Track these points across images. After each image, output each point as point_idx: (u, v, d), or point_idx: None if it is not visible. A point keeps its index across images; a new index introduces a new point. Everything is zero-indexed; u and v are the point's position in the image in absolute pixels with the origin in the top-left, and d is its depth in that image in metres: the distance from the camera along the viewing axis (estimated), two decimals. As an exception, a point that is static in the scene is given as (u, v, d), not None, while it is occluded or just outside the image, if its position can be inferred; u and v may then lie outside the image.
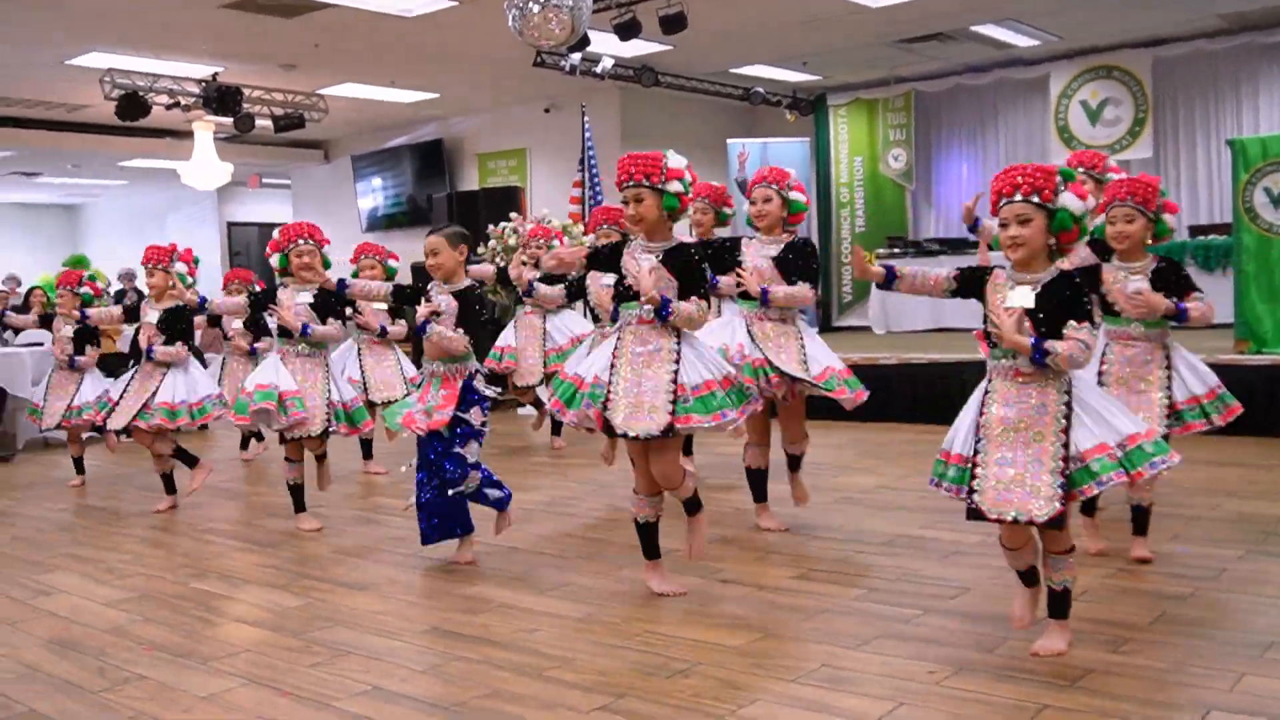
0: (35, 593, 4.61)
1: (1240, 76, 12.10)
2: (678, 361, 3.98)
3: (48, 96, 12.20)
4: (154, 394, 6.10)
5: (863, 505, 5.73)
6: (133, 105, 10.93)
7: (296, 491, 5.64)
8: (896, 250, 12.87)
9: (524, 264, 6.75)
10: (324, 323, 5.52)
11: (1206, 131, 12.34)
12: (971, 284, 3.48)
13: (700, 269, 4.07)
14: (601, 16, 8.51)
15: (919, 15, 10.21)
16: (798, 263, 5.01)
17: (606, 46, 10.19)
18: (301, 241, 5.50)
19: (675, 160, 4.13)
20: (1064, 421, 3.25)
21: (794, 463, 5.30)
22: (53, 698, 3.35)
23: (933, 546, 4.78)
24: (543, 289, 6.87)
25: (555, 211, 10.14)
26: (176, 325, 6.22)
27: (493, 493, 4.84)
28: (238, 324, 7.73)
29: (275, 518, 5.95)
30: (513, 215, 10.39)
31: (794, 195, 5.12)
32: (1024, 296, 3.31)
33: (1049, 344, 3.22)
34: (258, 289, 6.73)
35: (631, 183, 4.07)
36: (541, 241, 7.18)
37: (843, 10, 9.89)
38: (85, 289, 7.13)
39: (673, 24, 8.80)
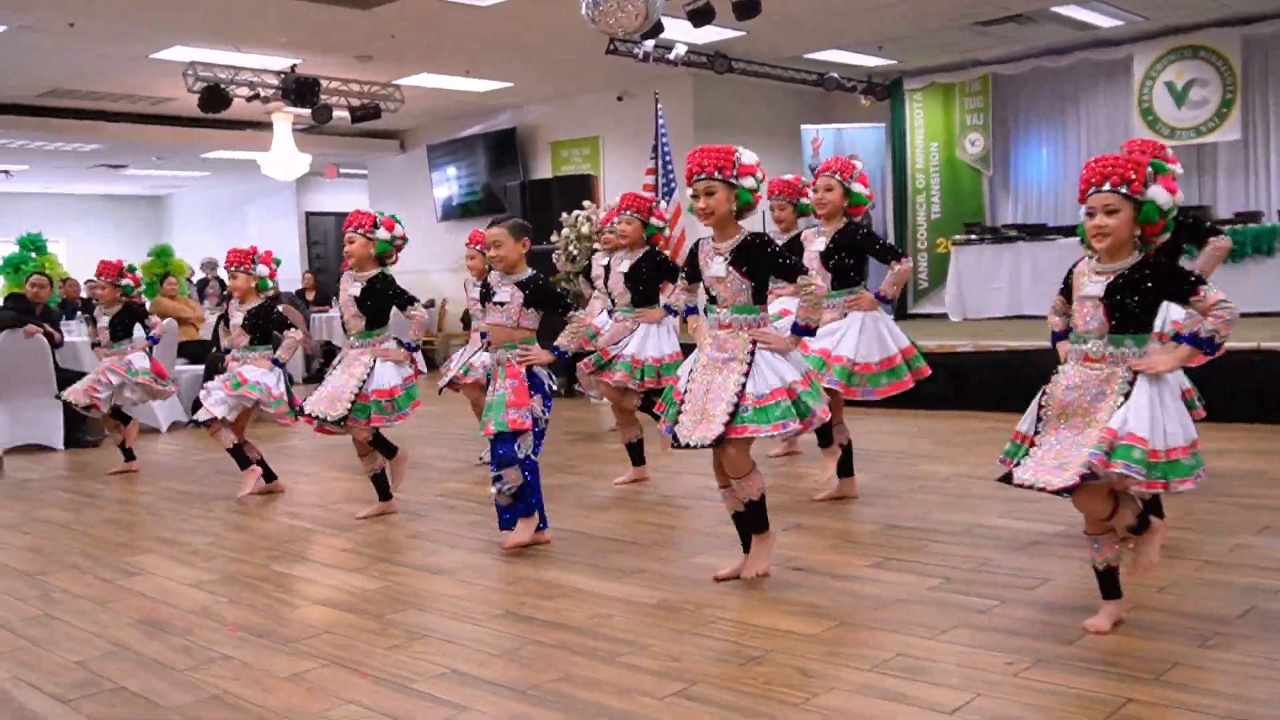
0: (125, 573, 4.73)
1: (1335, 55, 11.70)
2: (748, 371, 3.94)
3: (133, 90, 12.49)
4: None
5: (939, 494, 5.65)
6: (214, 97, 11.14)
7: (375, 481, 5.72)
8: (973, 236, 12.66)
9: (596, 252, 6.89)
10: (365, 312, 5.55)
11: (1299, 112, 11.96)
12: (1068, 292, 3.56)
13: (773, 253, 4.04)
14: (675, 3, 8.47)
15: (998, -4, 10.03)
16: (864, 246, 5.18)
17: (680, 33, 10.15)
18: (349, 230, 5.58)
19: (748, 156, 4.10)
20: (1119, 409, 3.26)
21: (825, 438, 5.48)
22: (141, 676, 3.44)
23: (1011, 536, 4.70)
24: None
25: (628, 199, 10.13)
26: (261, 324, 6.30)
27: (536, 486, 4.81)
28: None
29: (353, 502, 6.04)
30: (585, 203, 10.43)
31: (856, 187, 5.12)
32: (1096, 287, 3.37)
33: (1199, 330, 3.28)
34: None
35: (703, 175, 4.05)
36: (610, 227, 7.16)
37: (919, -8, 9.75)
38: (126, 280, 7.37)
39: (746, 9, 8.73)
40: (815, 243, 5.27)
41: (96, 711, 3.17)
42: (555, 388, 4.87)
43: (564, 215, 10.50)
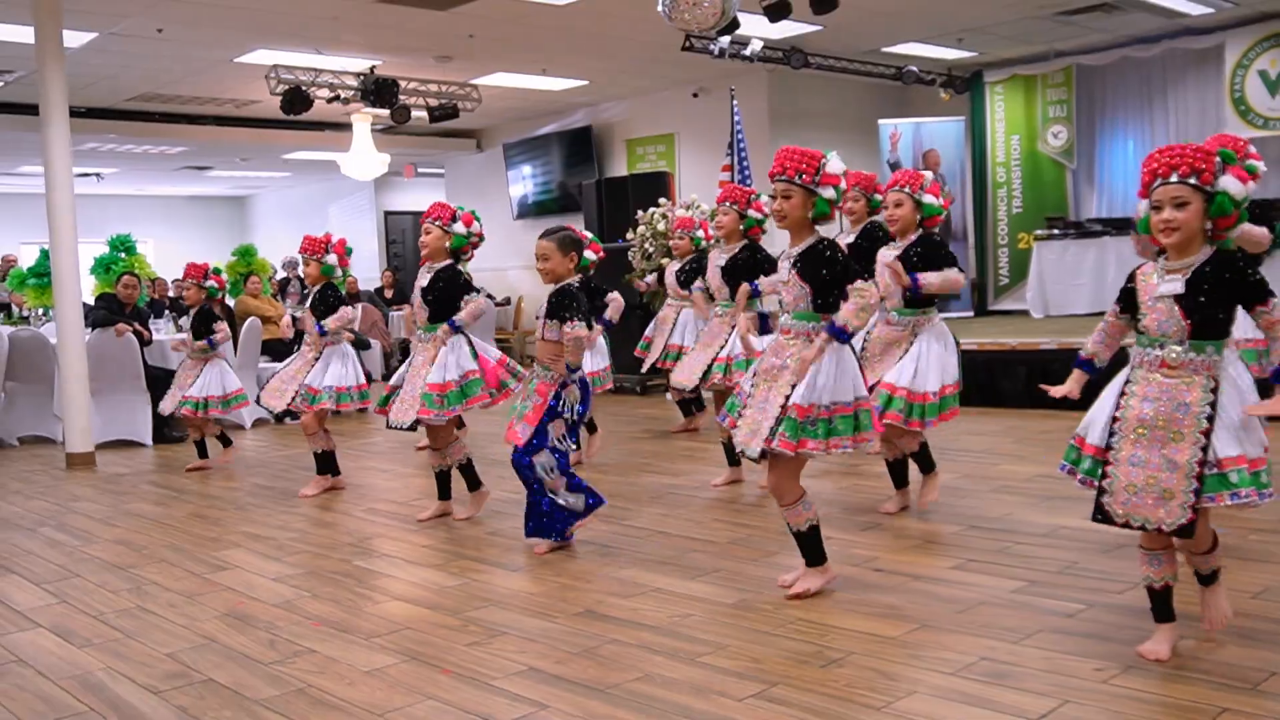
0: (212, 567, 4.84)
1: None
2: (794, 384, 3.85)
3: (218, 94, 12.76)
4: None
5: (1021, 495, 5.55)
6: (296, 99, 11.34)
7: (438, 478, 5.74)
8: (1056, 231, 12.41)
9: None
10: (429, 304, 5.57)
11: (1404, 100, 11.51)
12: (1128, 300, 3.28)
13: (831, 258, 3.91)
14: (751, -2, 8.42)
15: (1082, -15, 9.80)
16: (927, 256, 4.96)
17: (755, 29, 10.09)
18: (426, 221, 5.64)
19: (834, 165, 4.01)
20: (1206, 423, 3.05)
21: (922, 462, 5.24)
22: (228, 668, 3.51)
23: (1096, 539, 4.59)
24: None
25: (704, 197, 10.10)
26: (329, 306, 6.42)
27: (559, 517, 4.83)
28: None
29: (433, 499, 6.11)
30: (661, 200, 10.41)
31: (927, 198, 4.96)
32: (1173, 284, 3.13)
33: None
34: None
35: (782, 177, 3.99)
36: (684, 233, 7.20)
37: (1000, -17, 9.57)
38: (211, 282, 7.53)
39: (823, 3, 8.63)
40: (887, 258, 5.08)
41: (187, 702, 3.23)
42: (575, 417, 4.78)
43: (639, 213, 10.50)
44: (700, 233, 7.19)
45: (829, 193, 3.97)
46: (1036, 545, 4.57)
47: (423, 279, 5.59)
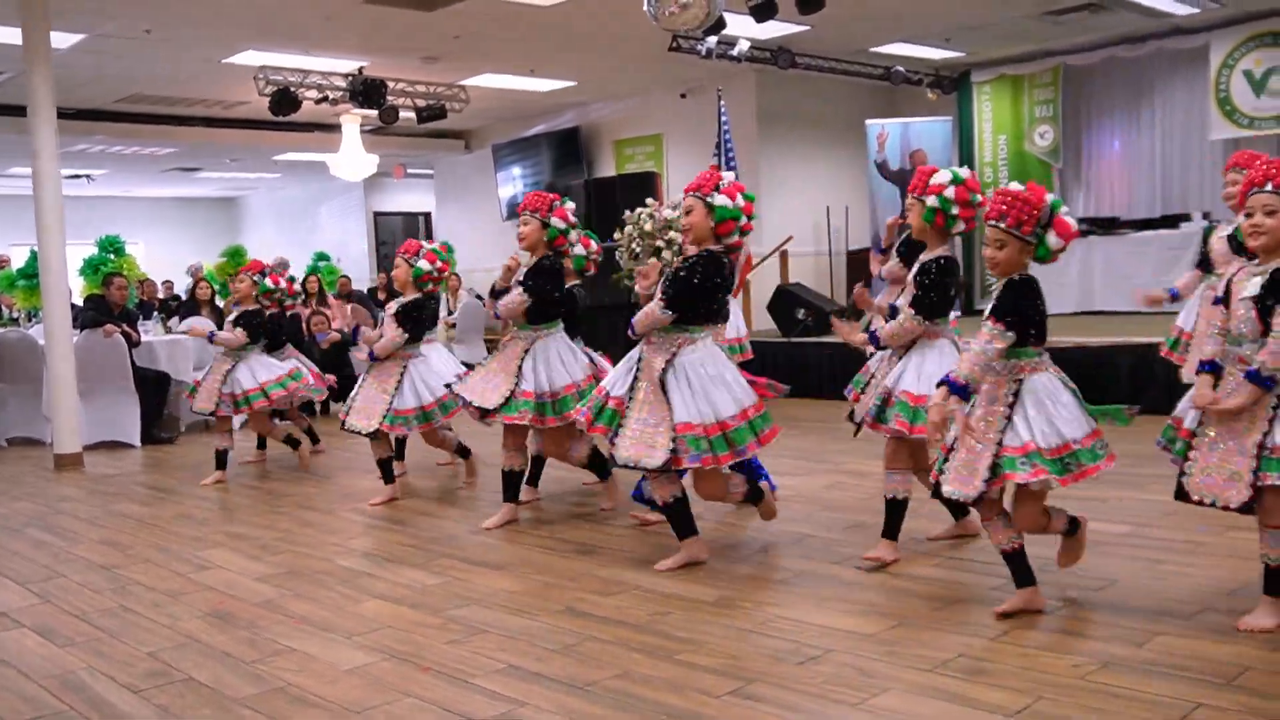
0: (196, 567, 4.84)
1: None
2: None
3: (206, 95, 12.76)
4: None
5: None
6: (284, 100, 11.34)
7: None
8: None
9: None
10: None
11: (1389, 100, 11.56)
12: (1228, 301, 3.49)
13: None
14: (737, -1, 8.44)
15: (1068, -14, 9.84)
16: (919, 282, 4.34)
17: (742, 29, 10.11)
18: (399, 256, 6.10)
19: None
20: (1272, 412, 3.29)
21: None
22: (209, 666, 3.52)
23: (1078, 536, 4.61)
24: None
25: (691, 196, 10.11)
26: (415, 317, 6.13)
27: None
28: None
29: (414, 498, 6.12)
30: (649, 201, 10.42)
31: (719, 200, 4.41)
32: (1252, 286, 3.35)
33: (1260, 362, 3.26)
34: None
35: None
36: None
37: (986, -17, 9.61)
38: (267, 280, 7.22)
39: (810, 3, 8.66)
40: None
41: (167, 701, 3.24)
42: None
43: (626, 213, 10.50)
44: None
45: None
46: (1017, 543, 4.58)
47: (392, 306, 5.90)
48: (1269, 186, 3.32)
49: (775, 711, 2.97)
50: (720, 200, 4.30)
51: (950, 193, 4.14)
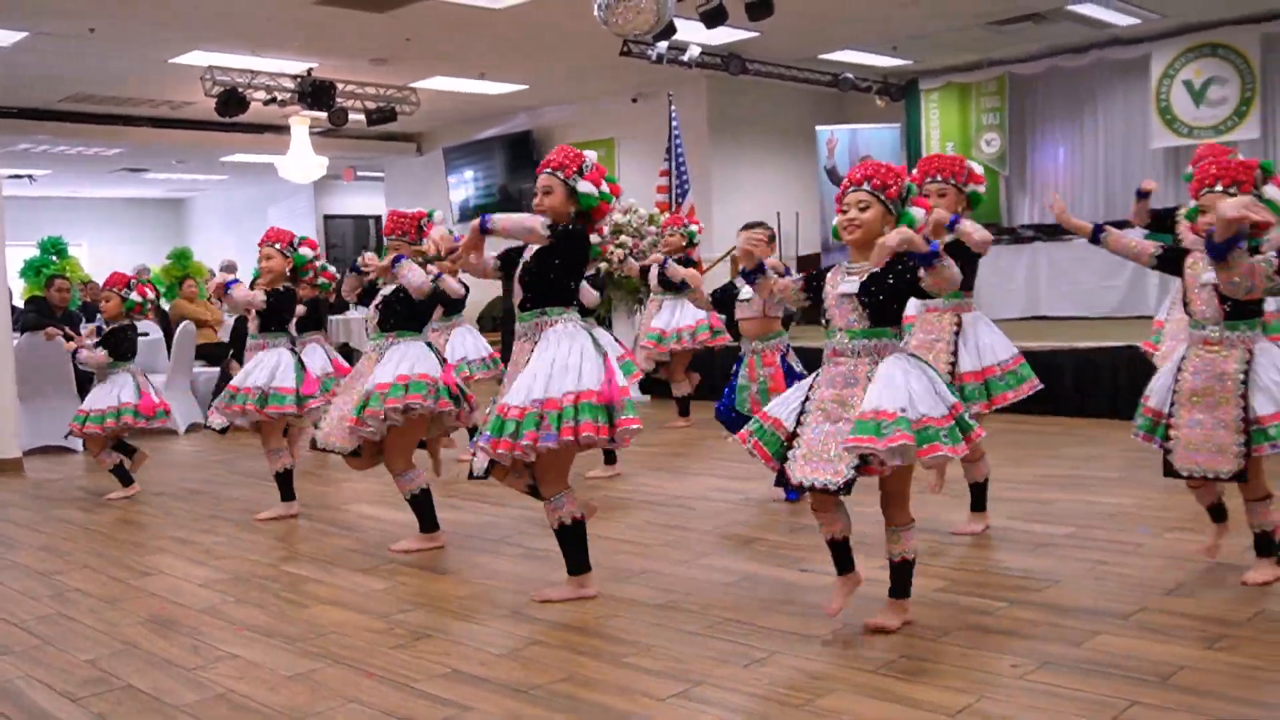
0: (137, 573, 4.77)
1: (1357, 52, 11.58)
2: None
3: (153, 95, 12.60)
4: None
5: (950, 494, 5.60)
6: (232, 101, 11.23)
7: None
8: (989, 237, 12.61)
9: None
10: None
11: (1321, 111, 11.85)
12: (1173, 262, 3.89)
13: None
14: (687, 4, 8.48)
15: (1013, -5, 10.00)
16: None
17: (693, 35, 10.16)
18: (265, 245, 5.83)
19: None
20: (1241, 387, 3.66)
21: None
22: (149, 674, 3.47)
23: (1021, 539, 4.69)
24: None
25: (643, 201, 10.14)
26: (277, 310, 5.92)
27: None
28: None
29: (361, 502, 6.08)
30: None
31: (583, 186, 4.13)
32: (1211, 274, 3.69)
33: (1243, 245, 3.52)
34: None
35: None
36: (675, 230, 7.76)
37: (934, -8, 9.73)
38: (134, 294, 6.70)
39: (759, 10, 8.73)
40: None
41: (105, 709, 3.19)
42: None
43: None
44: (694, 226, 7.82)
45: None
46: (962, 545, 4.65)
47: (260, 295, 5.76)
48: (1219, 187, 3.70)
49: (720, 714, 2.99)
50: (585, 187, 3.95)
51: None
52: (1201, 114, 11.95)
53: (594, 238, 4.18)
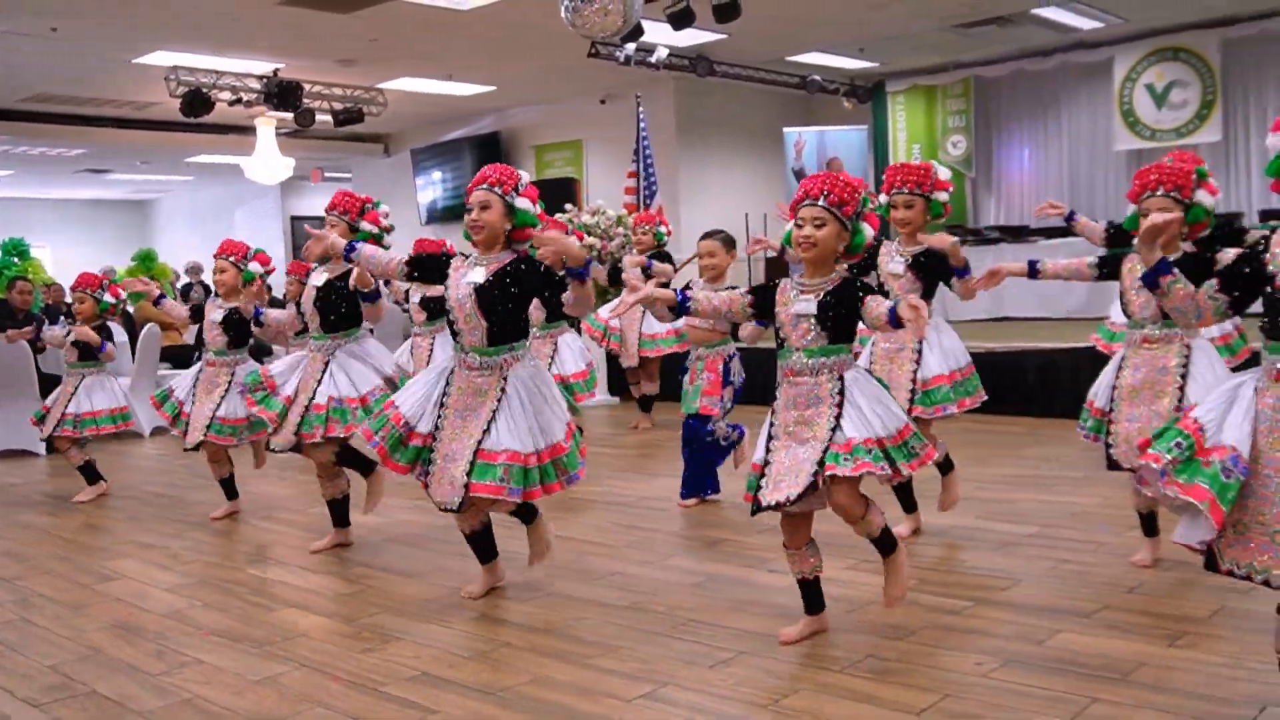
0: (101, 578, 4.73)
1: (1314, 56, 11.75)
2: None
3: (116, 95, 12.47)
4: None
5: (916, 495, 5.66)
6: (197, 102, 11.14)
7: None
8: (955, 239, 12.71)
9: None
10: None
11: None
12: (1115, 269, 4.07)
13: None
14: (655, 6, 8.49)
15: (978, -1, 10.08)
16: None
17: (661, 36, 10.18)
18: (220, 259, 5.81)
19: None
20: (1180, 379, 3.84)
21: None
22: (113, 679, 3.45)
23: (985, 538, 4.73)
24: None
25: (611, 203, 10.15)
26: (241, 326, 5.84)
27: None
28: None
29: (324, 505, 6.04)
30: (568, 207, 10.44)
31: (520, 202, 3.99)
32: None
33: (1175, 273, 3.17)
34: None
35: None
36: (646, 228, 7.84)
37: (899, -4, 9.79)
38: (107, 295, 6.71)
39: (726, 12, 8.75)
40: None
41: (68, 715, 3.17)
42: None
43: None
44: (663, 228, 7.91)
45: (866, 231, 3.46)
46: (929, 545, 4.68)
47: (215, 313, 5.75)
48: (1160, 191, 3.82)
49: (686, 714, 3.00)
50: (522, 203, 3.91)
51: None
52: (1163, 117, 12.10)
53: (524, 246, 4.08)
